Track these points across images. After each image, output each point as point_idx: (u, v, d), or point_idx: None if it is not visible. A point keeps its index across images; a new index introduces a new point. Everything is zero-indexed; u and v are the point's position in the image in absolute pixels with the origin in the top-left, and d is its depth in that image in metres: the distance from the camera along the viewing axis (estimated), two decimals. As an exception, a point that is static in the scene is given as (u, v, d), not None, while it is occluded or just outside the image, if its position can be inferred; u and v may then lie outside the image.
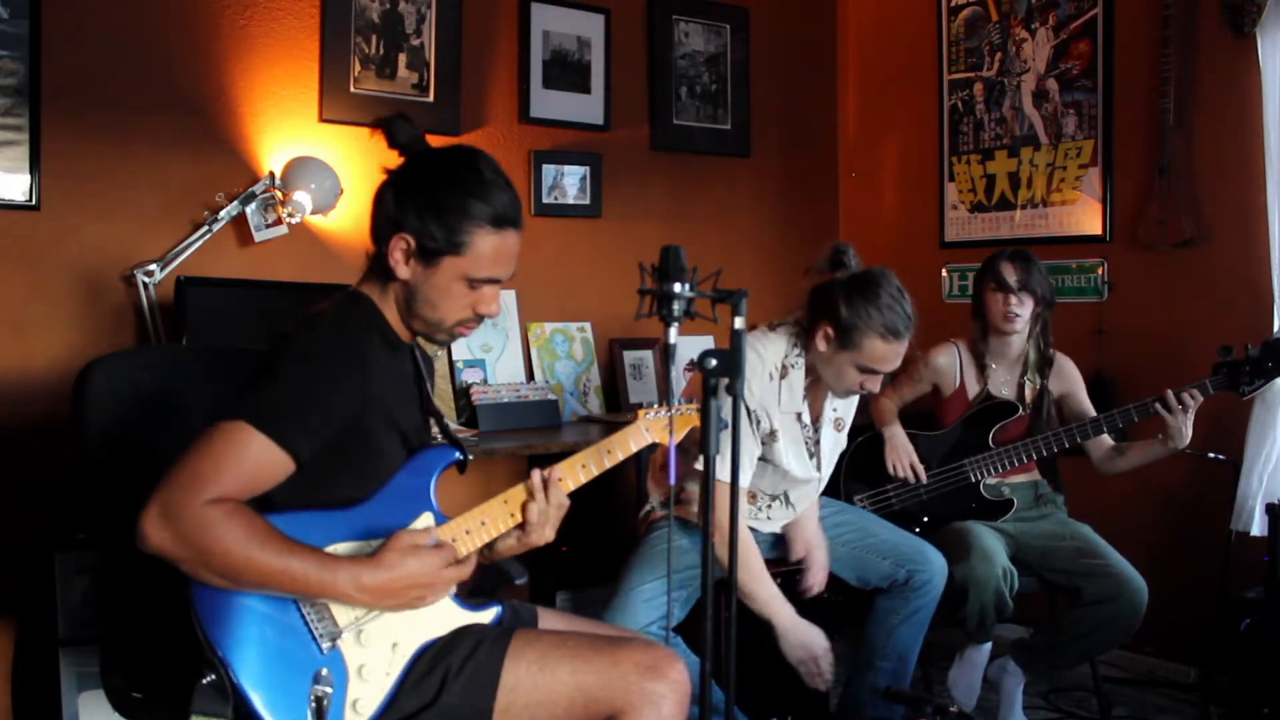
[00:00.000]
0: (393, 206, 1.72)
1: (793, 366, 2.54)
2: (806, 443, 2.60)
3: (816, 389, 2.60)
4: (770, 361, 2.53)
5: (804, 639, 2.47)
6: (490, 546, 1.83)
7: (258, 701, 1.55)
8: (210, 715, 1.55)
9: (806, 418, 2.59)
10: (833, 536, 2.73)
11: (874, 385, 2.48)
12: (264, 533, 1.55)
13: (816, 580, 2.65)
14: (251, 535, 1.53)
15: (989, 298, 3.03)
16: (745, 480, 2.54)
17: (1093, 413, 3.07)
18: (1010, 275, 2.99)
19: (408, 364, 1.86)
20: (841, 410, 2.68)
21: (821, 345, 2.47)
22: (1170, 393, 2.80)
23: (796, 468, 2.58)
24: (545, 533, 1.82)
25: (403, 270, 1.73)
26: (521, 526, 1.80)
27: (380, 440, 1.73)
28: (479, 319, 1.79)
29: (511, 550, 1.86)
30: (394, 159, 1.79)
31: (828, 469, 2.69)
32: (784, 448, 2.55)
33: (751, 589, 2.44)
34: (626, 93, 3.92)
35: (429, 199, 1.70)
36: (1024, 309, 3.00)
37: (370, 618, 1.66)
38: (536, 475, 1.80)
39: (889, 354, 2.42)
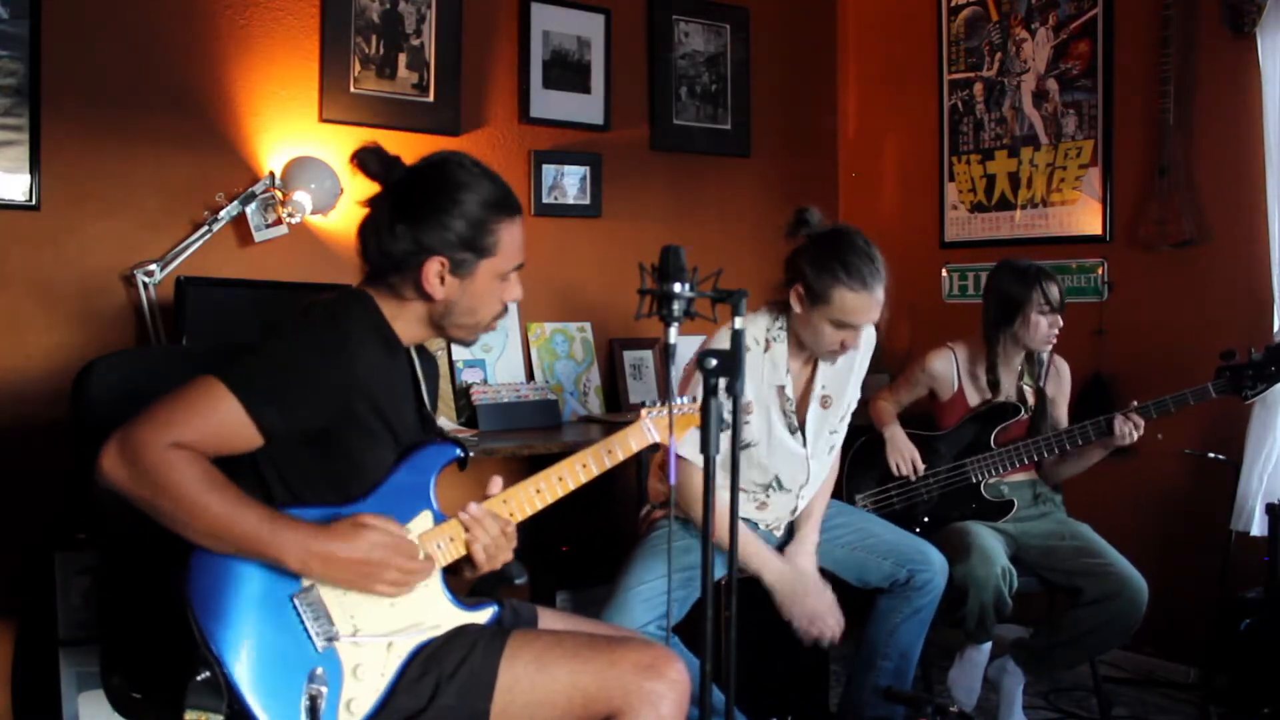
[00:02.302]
0: (409, 240, 1.73)
1: (774, 340, 2.58)
2: (788, 415, 2.60)
3: (803, 362, 2.62)
4: (749, 335, 2.52)
5: (796, 589, 2.48)
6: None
7: (251, 698, 1.56)
8: (205, 710, 1.56)
9: (790, 391, 2.60)
10: (833, 538, 2.72)
11: (852, 340, 2.49)
12: (221, 483, 1.56)
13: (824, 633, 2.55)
14: (209, 483, 1.54)
15: (1036, 319, 2.98)
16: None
17: (1065, 421, 3.09)
18: (1056, 295, 2.98)
19: (404, 365, 1.86)
20: (831, 388, 2.67)
21: (796, 306, 2.51)
22: (1119, 421, 2.85)
23: (779, 446, 2.57)
24: (498, 561, 1.79)
25: (439, 291, 1.75)
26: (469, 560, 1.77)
27: (371, 429, 1.72)
28: (506, 308, 1.85)
29: (469, 577, 1.81)
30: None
31: (817, 446, 2.66)
32: (757, 419, 2.55)
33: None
34: (626, 93, 3.92)
35: (446, 219, 1.73)
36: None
37: (367, 621, 1.66)
38: (468, 511, 1.75)
39: (859, 305, 2.43)
